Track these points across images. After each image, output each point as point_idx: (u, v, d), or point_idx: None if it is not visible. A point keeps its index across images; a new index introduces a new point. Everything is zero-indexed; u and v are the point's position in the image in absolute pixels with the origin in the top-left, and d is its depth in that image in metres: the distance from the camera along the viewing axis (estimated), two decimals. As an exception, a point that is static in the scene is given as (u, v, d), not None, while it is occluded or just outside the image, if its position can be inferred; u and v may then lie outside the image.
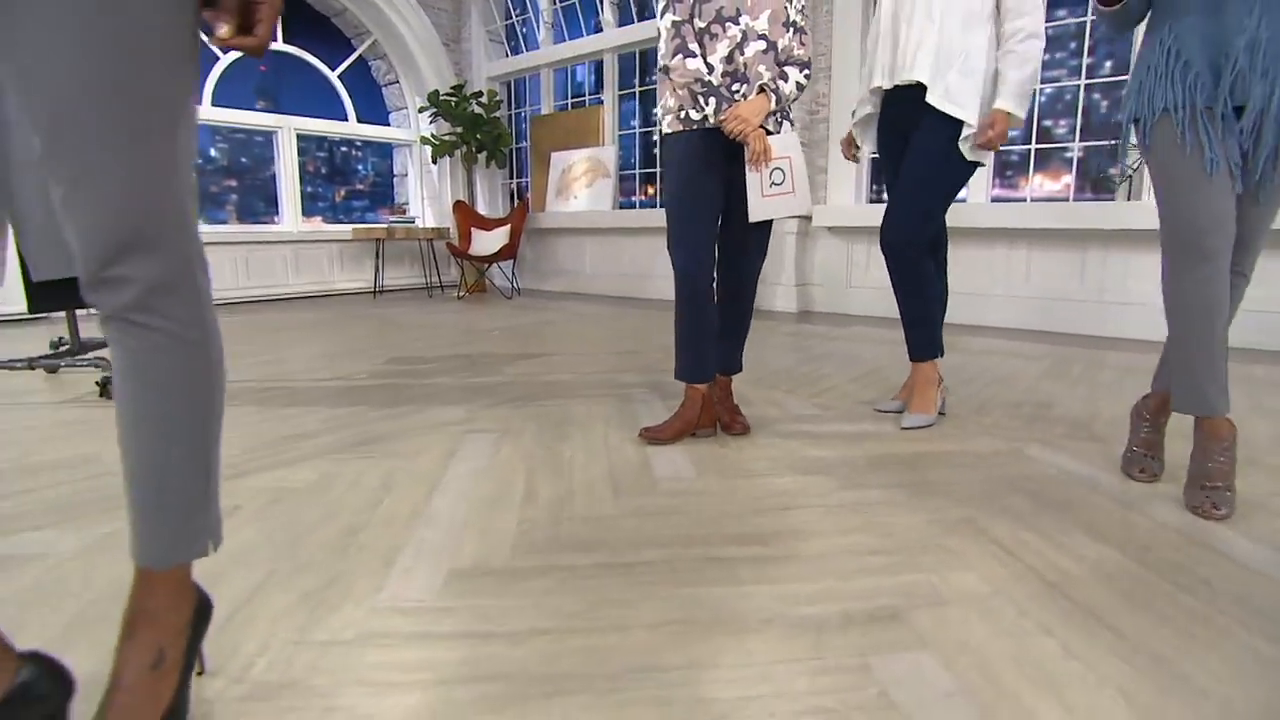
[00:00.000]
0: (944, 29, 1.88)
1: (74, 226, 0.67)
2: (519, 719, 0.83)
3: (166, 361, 0.74)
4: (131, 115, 0.67)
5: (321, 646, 0.98)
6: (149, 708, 0.77)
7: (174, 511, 0.77)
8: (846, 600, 1.10)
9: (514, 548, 1.28)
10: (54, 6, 0.62)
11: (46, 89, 0.64)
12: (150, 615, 0.78)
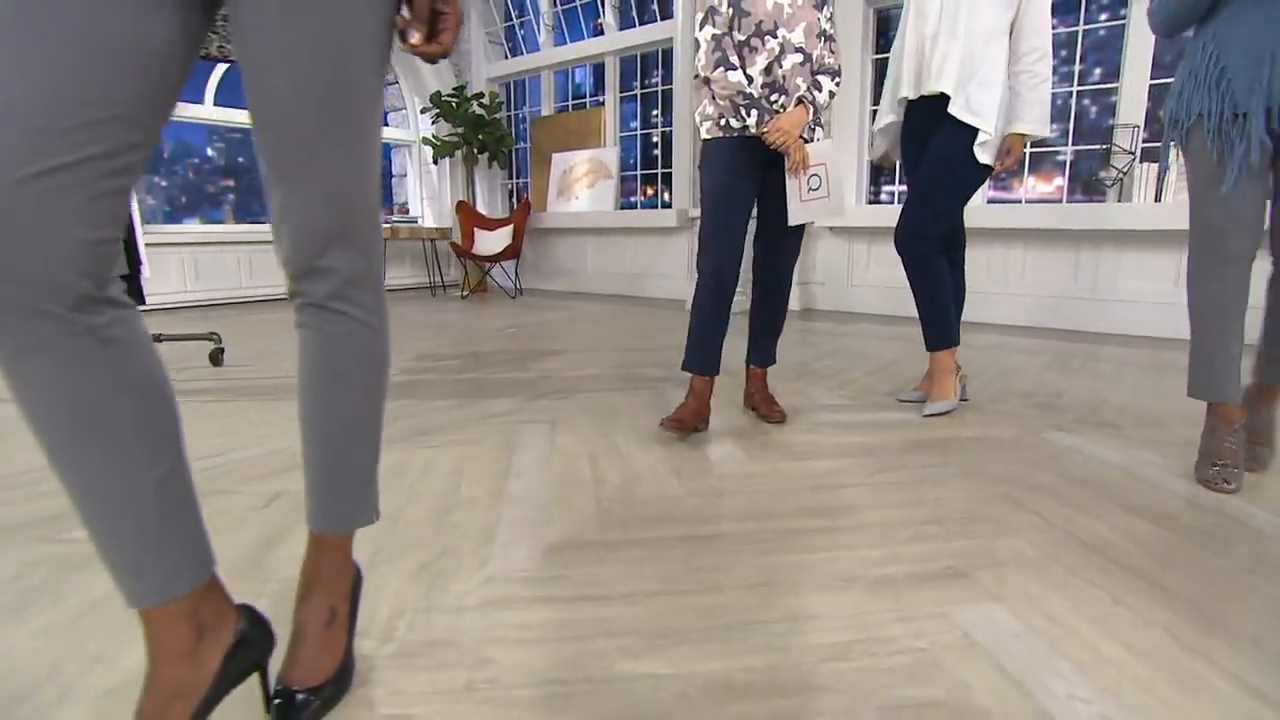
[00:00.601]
0: (968, 44, 2.01)
1: (293, 220, 0.75)
2: (656, 665, 0.94)
3: (353, 344, 0.83)
4: (348, 120, 0.74)
5: (452, 611, 1.08)
6: (326, 660, 0.87)
7: (350, 483, 0.87)
8: (913, 563, 1.23)
9: (599, 524, 1.40)
10: (281, 23, 0.69)
11: (278, 99, 0.71)
12: (324, 578, 0.88)
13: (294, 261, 0.77)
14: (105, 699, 0.89)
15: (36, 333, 0.62)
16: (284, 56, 0.70)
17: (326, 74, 0.71)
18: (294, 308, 0.82)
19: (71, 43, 0.61)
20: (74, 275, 0.62)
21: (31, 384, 0.63)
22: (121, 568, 0.70)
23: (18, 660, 0.97)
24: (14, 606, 1.12)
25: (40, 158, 0.59)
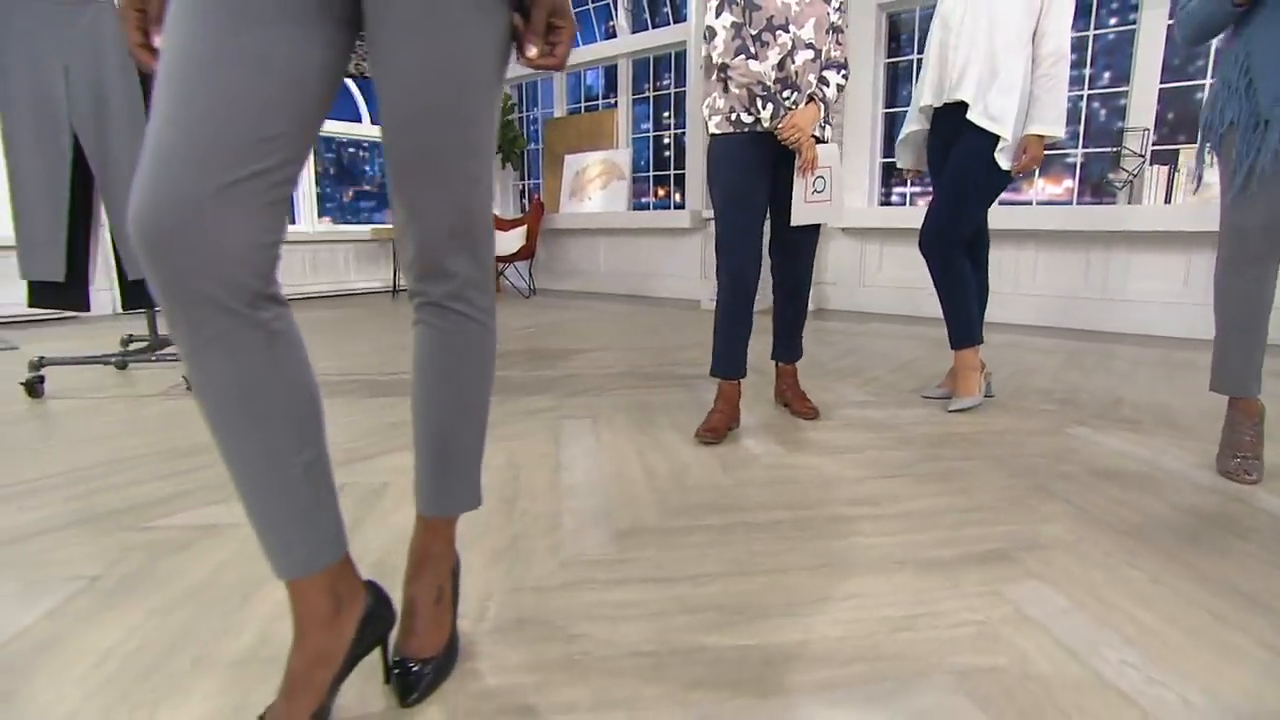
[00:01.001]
0: (988, 52, 2.09)
1: (421, 226, 0.82)
2: (738, 638, 1.02)
3: (467, 341, 0.90)
4: (471, 133, 0.81)
5: (537, 592, 1.16)
6: (437, 634, 0.94)
7: (460, 469, 0.94)
8: (959, 546, 1.31)
9: (658, 512, 1.48)
10: (414, 45, 0.76)
11: (410, 114, 0.78)
12: (433, 558, 0.96)
13: (418, 264, 0.85)
14: (235, 668, 0.97)
15: (219, 326, 0.69)
16: (416, 75, 0.77)
17: (454, 91, 0.78)
18: (413, 306, 0.89)
19: (253, 69, 0.69)
20: (251, 274, 0.70)
21: (209, 372, 0.71)
22: (275, 543, 0.77)
23: (144, 635, 1.05)
24: (123, 588, 1.20)
25: (230, 170, 0.67)
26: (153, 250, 0.66)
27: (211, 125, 0.67)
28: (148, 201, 0.66)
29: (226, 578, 1.22)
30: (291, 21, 0.71)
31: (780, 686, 0.91)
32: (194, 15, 0.68)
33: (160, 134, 0.67)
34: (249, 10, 0.68)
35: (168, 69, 0.68)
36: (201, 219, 0.66)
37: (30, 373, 2.57)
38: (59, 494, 1.63)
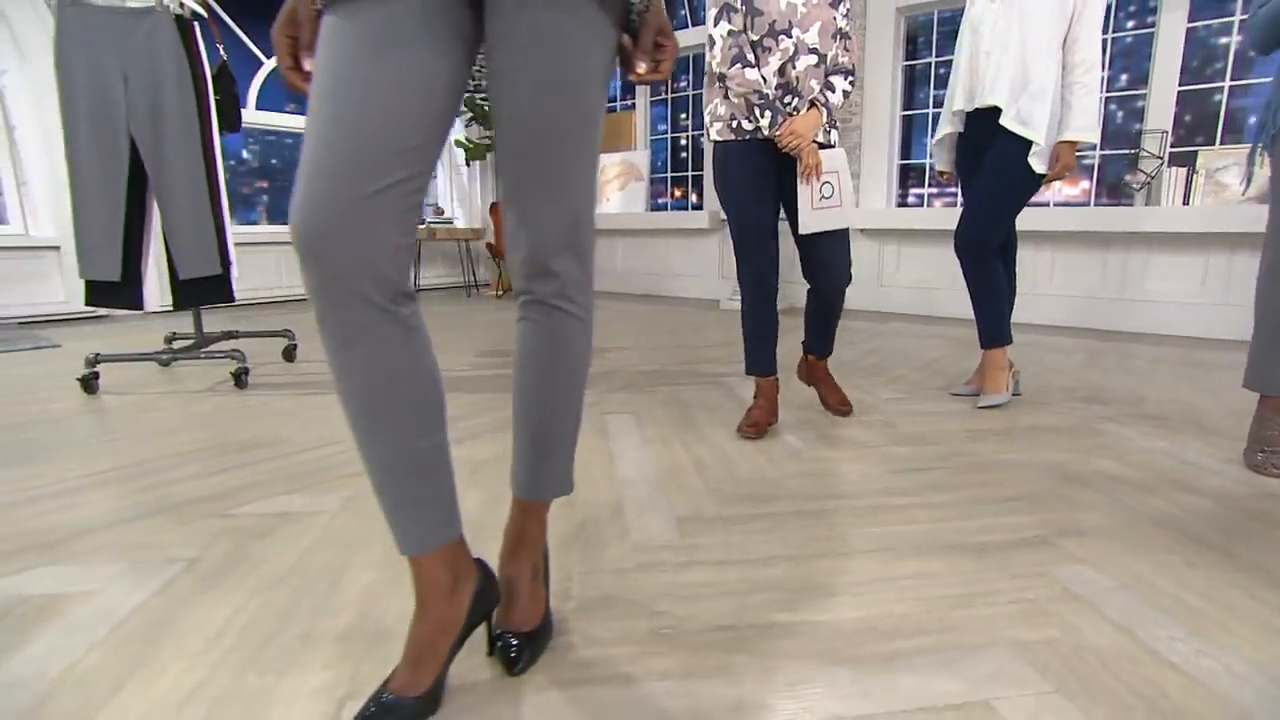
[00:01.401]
0: (1020, 58, 2.15)
1: (533, 231, 0.89)
2: (809, 614, 1.10)
3: (569, 337, 0.97)
4: (582, 145, 0.89)
5: (614, 573, 1.24)
6: (535, 608, 1.02)
7: (557, 455, 1.02)
8: (1003, 532, 1.38)
9: (714, 501, 1.55)
10: (531, 65, 0.83)
11: (526, 128, 0.85)
12: (530, 538, 1.04)
13: (529, 265, 0.92)
14: (341, 643, 1.05)
15: (366, 321, 0.77)
16: (535, 94, 0.84)
17: (567, 107, 0.85)
18: (518, 304, 0.97)
19: (396, 89, 0.76)
20: (393, 272, 0.78)
21: (355, 364, 0.79)
22: (404, 520, 0.85)
23: (251, 612, 1.13)
24: (221, 570, 1.28)
25: (379, 178, 0.75)
26: (312, 252, 0.74)
27: (362, 140, 0.75)
28: (308, 209, 0.74)
29: (315, 562, 1.31)
30: (427, 45, 0.79)
31: (855, 656, 0.99)
32: (345, 43, 0.76)
33: (318, 148, 0.75)
34: (392, 38, 0.76)
35: (323, 89, 0.76)
36: (355, 223, 0.74)
37: (86, 369, 2.66)
38: (135, 484, 1.71)
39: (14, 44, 4.34)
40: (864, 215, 4.75)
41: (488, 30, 0.84)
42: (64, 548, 1.37)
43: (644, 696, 0.91)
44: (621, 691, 0.92)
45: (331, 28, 0.77)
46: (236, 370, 2.74)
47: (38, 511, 1.55)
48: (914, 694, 0.91)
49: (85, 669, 0.99)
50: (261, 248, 5.64)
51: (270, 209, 7.31)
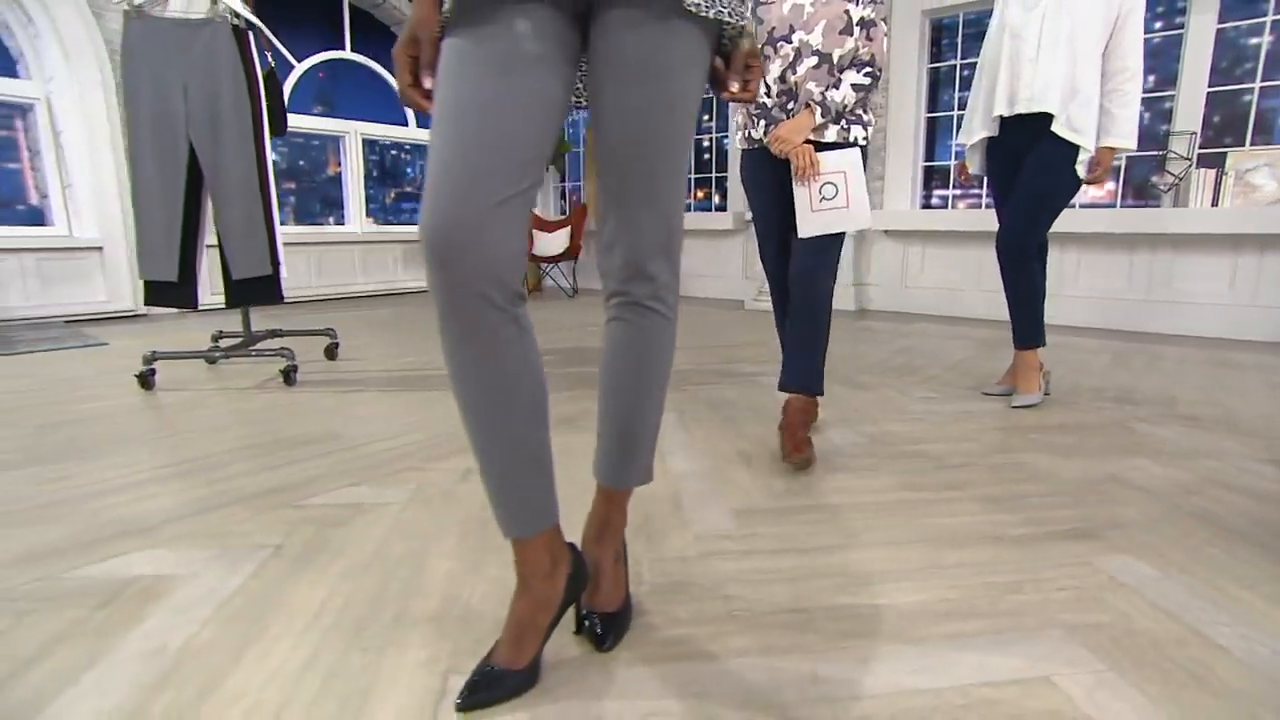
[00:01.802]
0: (1070, 66, 2.20)
1: (631, 237, 0.96)
2: (870, 598, 1.17)
3: (658, 335, 1.03)
4: (677, 158, 0.95)
5: (681, 561, 1.31)
6: (618, 590, 1.10)
7: (641, 446, 1.08)
8: (1045, 525, 1.44)
9: (765, 494, 1.62)
10: (633, 85, 0.89)
11: (626, 142, 0.92)
12: (613, 524, 1.11)
13: (626, 268, 0.98)
14: (433, 624, 1.12)
15: (487, 321, 0.84)
16: (637, 114, 0.90)
17: (669, 124, 0.92)
18: (611, 305, 1.03)
19: (518, 108, 0.84)
20: (512, 276, 0.85)
21: (472, 361, 0.86)
22: (512, 506, 0.93)
23: (344, 595, 1.21)
24: (307, 555, 1.36)
25: (501, 190, 0.83)
26: (441, 257, 0.81)
27: (490, 154, 0.82)
28: (439, 217, 0.81)
29: (393, 549, 1.39)
30: (545, 66, 0.86)
31: (917, 636, 1.06)
32: (471, 64, 0.83)
33: (448, 161, 0.82)
34: (515, 60, 0.84)
35: (450, 107, 0.83)
36: (481, 231, 0.81)
37: (143, 366, 2.76)
38: (206, 476, 1.80)
39: (62, 53, 4.47)
40: (888, 217, 4.80)
41: (594, 49, 0.91)
42: (154, 534, 1.46)
43: (727, 671, 0.98)
44: (705, 666, 0.99)
45: (456, 50, 0.84)
46: (286, 368, 2.84)
47: (121, 501, 1.64)
48: (977, 670, 0.97)
49: (202, 643, 1.07)
50: (291, 249, 5.75)
51: (298, 210, 7.44)
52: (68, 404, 2.52)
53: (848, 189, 1.88)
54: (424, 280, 6.69)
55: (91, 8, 4.54)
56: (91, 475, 1.81)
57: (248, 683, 0.98)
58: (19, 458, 1.93)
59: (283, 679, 0.98)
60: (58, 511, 1.58)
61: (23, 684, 0.98)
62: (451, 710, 0.91)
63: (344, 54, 6.29)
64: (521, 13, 0.84)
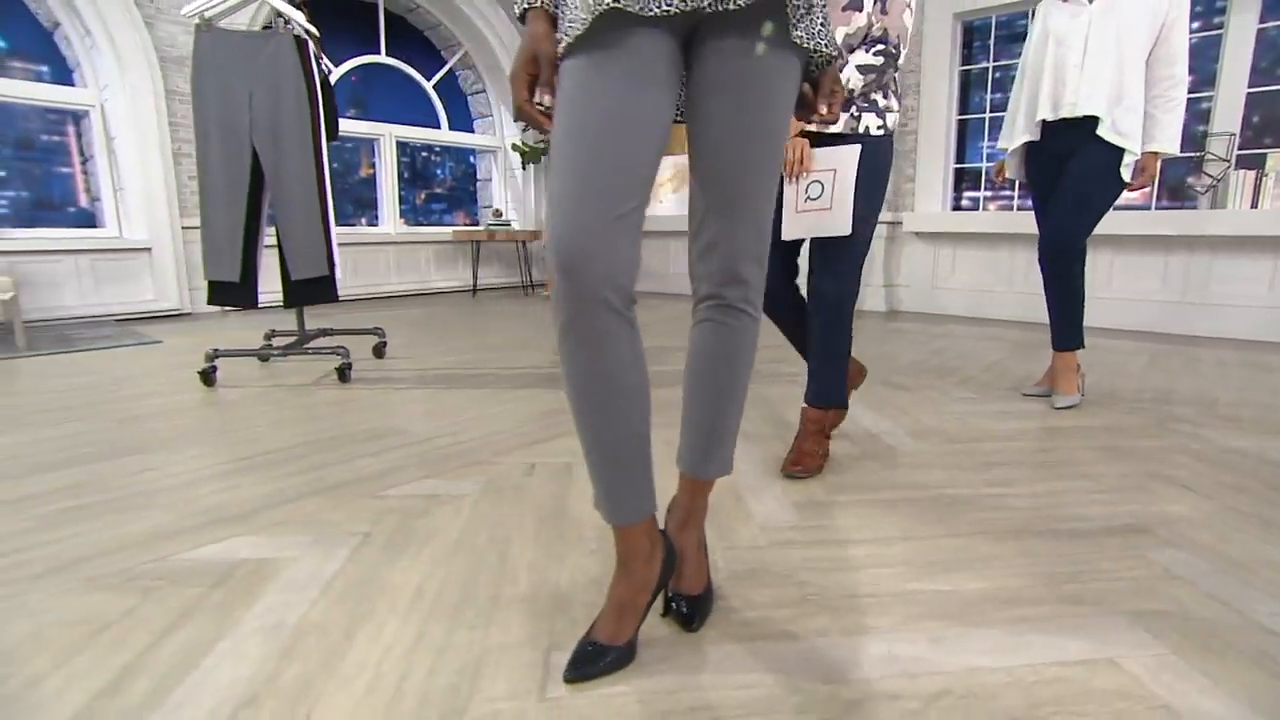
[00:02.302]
0: (1117, 71, 2.24)
1: (728, 245, 1.03)
2: (935, 585, 1.24)
3: (745, 335, 1.10)
4: (770, 175, 1.03)
5: (751, 550, 1.39)
6: (700, 575, 1.17)
7: (725, 439, 1.15)
8: (1096, 520, 1.50)
9: (822, 488, 1.69)
10: (734, 110, 0.97)
11: (726, 161, 0.99)
12: (696, 513, 1.18)
13: (721, 274, 1.06)
14: (523, 605, 1.21)
15: (607, 324, 0.92)
16: (737, 132, 0.98)
17: (766, 144, 1.00)
18: (702, 307, 1.10)
19: (637, 127, 0.92)
20: (629, 282, 0.93)
21: (590, 360, 0.94)
22: (619, 495, 1.00)
23: (439, 578, 1.30)
24: (396, 542, 1.45)
25: (623, 204, 0.91)
26: (570, 267, 0.89)
27: (613, 172, 0.90)
28: (568, 229, 0.89)
29: (476, 537, 1.47)
30: (657, 89, 0.94)
31: (983, 620, 1.12)
32: (591, 87, 0.91)
33: (575, 179, 0.90)
34: (632, 84, 0.92)
35: (574, 128, 0.91)
36: (606, 242, 0.89)
37: (206, 363, 2.88)
38: (284, 469, 1.90)
39: (117, 63, 4.62)
40: (919, 219, 4.84)
41: (699, 73, 0.98)
42: (249, 521, 1.56)
43: (809, 649, 1.05)
44: (788, 645, 1.06)
45: (576, 73, 0.92)
46: (341, 366, 2.94)
47: (212, 490, 1.74)
48: (1044, 651, 1.04)
49: (315, 620, 1.16)
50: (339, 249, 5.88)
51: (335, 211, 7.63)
52: (138, 399, 2.64)
53: (834, 189, 1.71)
54: (455, 279, 6.82)
55: (143, 17, 4.69)
56: (179, 466, 1.92)
57: (365, 656, 1.06)
58: (108, 449, 2.05)
59: (397, 654, 1.07)
60: (156, 499, 1.69)
61: (165, 650, 1.07)
62: (559, 682, 0.99)
63: (380, 58, 6.42)
64: (639, 37, 0.92)
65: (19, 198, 5.15)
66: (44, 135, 5.20)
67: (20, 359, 3.45)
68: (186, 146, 5.03)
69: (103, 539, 1.47)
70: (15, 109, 4.80)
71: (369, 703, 0.95)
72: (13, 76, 4.72)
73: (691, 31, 0.98)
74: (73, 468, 1.90)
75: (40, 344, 3.78)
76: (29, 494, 1.73)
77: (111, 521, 1.56)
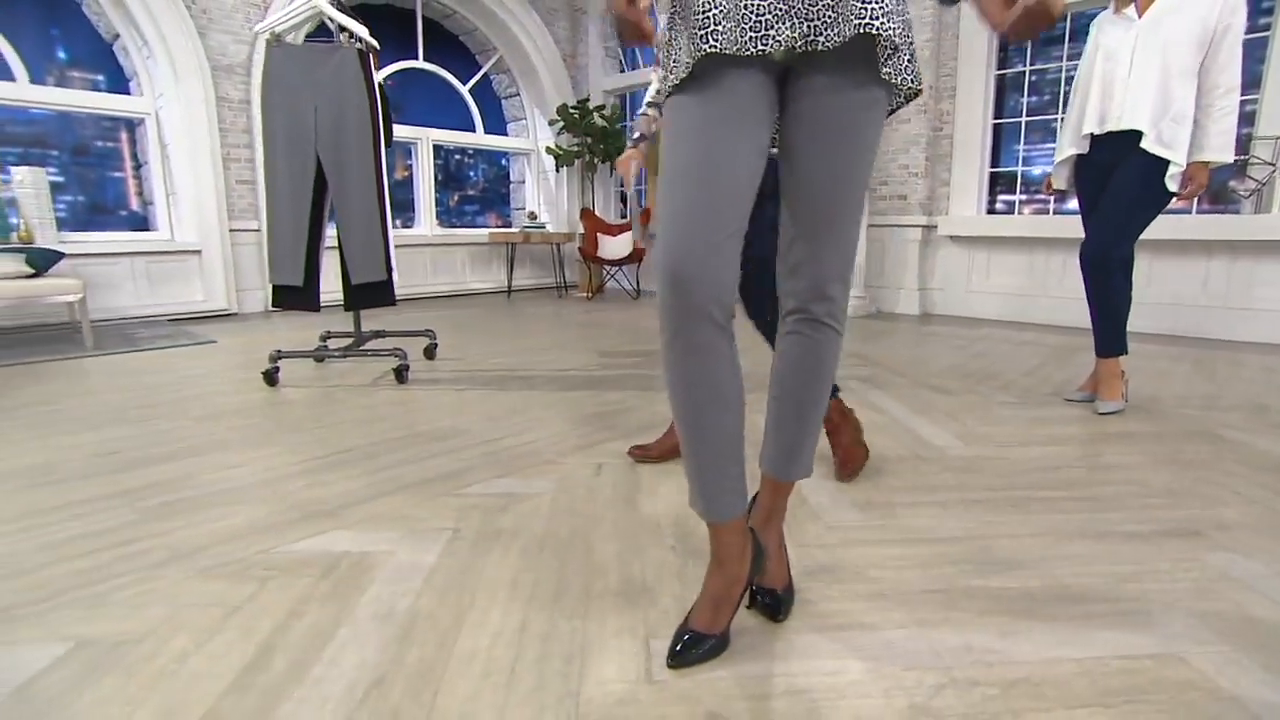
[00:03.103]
0: (1163, 84, 2.28)
1: (818, 265, 1.11)
2: (1001, 581, 1.31)
3: (830, 347, 1.17)
4: (858, 202, 1.11)
5: (822, 548, 1.47)
6: (782, 570, 1.25)
7: (807, 445, 1.23)
8: (1150, 524, 1.56)
9: (882, 490, 1.77)
10: (827, 147, 1.05)
11: (819, 192, 1.07)
12: (778, 512, 1.26)
13: (811, 291, 1.13)
14: (615, 597, 1.30)
15: (709, 336, 1.01)
16: (829, 163, 1.06)
17: (856, 175, 1.08)
18: (789, 320, 1.17)
19: (742, 160, 1.01)
20: (730, 299, 1.02)
21: (694, 369, 1.02)
22: (716, 495, 1.09)
23: (533, 571, 1.40)
24: (484, 538, 1.55)
25: (729, 227, 0.99)
26: (680, 285, 0.98)
27: (720, 199, 0.99)
28: (680, 251, 0.98)
29: (560, 533, 1.57)
30: (759, 123, 1.03)
31: (1050, 615, 1.20)
32: (700, 121, 1.00)
33: (686, 205, 0.99)
34: (738, 118, 1.01)
35: (685, 158, 1.00)
36: (713, 263, 0.98)
37: (269, 364, 3.01)
38: (363, 466, 2.01)
39: (172, 71, 4.79)
40: (953, 223, 4.87)
41: (792, 109, 1.07)
42: (340, 517, 1.66)
43: (889, 639, 1.13)
44: (869, 635, 1.15)
45: (682, 109, 1.01)
46: (398, 367, 3.06)
47: (301, 485, 1.85)
48: (1112, 645, 1.11)
49: (423, 609, 1.26)
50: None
51: (367, 212, 7.80)
52: (208, 397, 2.77)
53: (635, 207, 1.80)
54: (490, 280, 6.94)
55: (197, 27, 4.85)
56: (261, 463, 2.03)
57: (476, 643, 1.16)
58: (192, 446, 2.17)
59: (505, 640, 1.16)
60: (246, 494, 1.80)
61: (294, 632, 1.18)
62: (662, 667, 1.08)
63: (419, 63, 6.55)
64: (737, 77, 1.01)
65: (76, 202, 5.35)
66: (98, 142, 5.40)
67: (89, 358, 3.61)
68: (235, 152, 5.19)
69: (208, 531, 1.58)
70: (73, 117, 4.99)
71: (488, 684, 1.05)
72: (71, 86, 4.91)
73: (786, 69, 1.06)
74: (164, 463, 2.03)
75: (105, 343, 3.95)
76: (130, 488, 1.85)
77: (212, 515, 1.67)
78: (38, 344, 3.97)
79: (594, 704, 1.00)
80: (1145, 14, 2.35)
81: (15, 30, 4.62)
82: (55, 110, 4.74)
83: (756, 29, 0.97)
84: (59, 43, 5.07)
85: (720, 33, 0.97)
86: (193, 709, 1.00)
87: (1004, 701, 0.99)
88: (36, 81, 4.67)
